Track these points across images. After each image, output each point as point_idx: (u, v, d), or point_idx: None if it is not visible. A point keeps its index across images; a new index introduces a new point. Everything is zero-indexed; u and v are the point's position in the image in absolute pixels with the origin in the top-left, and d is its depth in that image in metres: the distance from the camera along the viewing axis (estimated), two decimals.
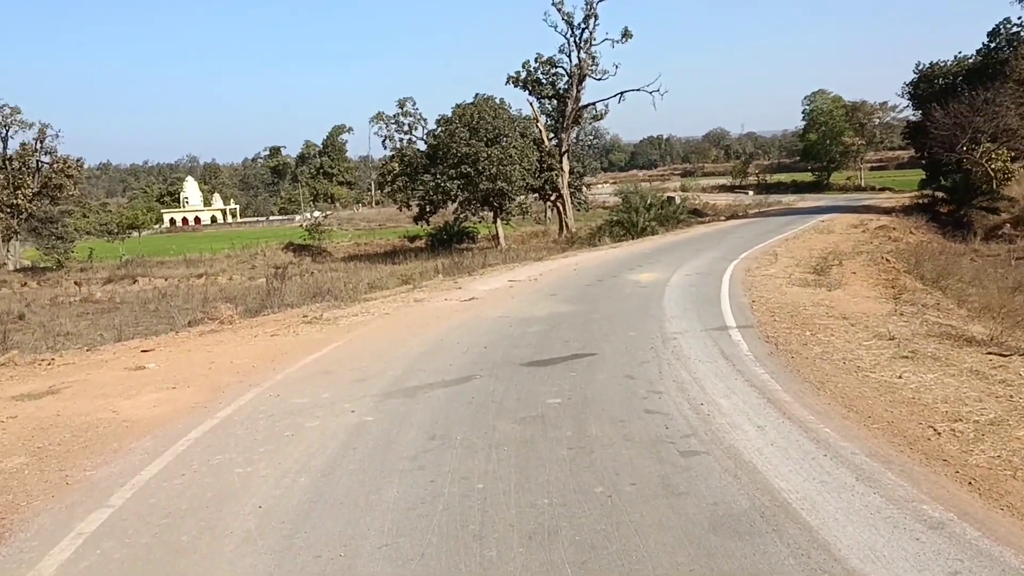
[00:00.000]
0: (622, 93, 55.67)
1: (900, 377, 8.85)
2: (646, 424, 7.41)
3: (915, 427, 7.15)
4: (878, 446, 6.65)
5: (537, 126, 55.96)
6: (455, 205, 52.27)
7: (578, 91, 55.88)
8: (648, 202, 47.17)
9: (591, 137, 79.69)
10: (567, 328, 12.58)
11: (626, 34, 54.66)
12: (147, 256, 63.42)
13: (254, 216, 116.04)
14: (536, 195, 57.21)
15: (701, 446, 6.74)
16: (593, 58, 55.53)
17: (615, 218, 46.60)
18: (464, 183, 49.47)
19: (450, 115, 52.17)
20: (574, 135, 59.37)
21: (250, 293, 31.40)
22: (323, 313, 15.64)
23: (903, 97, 71.34)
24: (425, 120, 54.54)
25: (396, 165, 54.79)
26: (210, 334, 14.17)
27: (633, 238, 41.50)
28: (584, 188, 62.48)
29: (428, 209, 52.83)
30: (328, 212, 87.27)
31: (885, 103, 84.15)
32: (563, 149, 55.84)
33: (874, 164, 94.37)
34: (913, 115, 73.58)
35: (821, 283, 16.72)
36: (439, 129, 52.62)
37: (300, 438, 7.51)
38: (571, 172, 56.71)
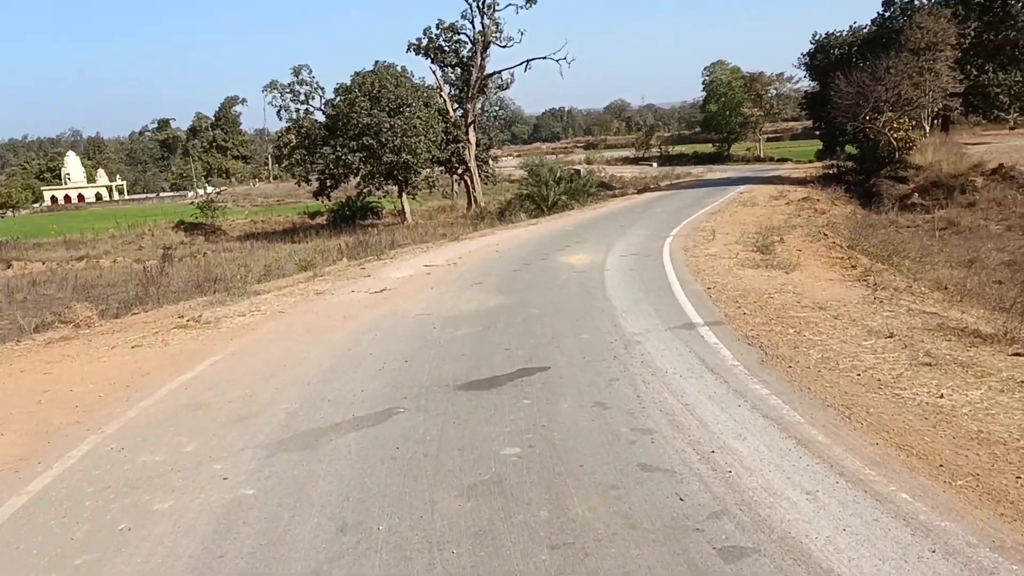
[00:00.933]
0: (528, 61, 53.40)
1: (941, 397, 6.86)
2: (650, 493, 5.14)
3: (1014, 484, 5.12)
4: (990, 525, 4.56)
5: (441, 95, 53.10)
6: (357, 179, 49.08)
7: (483, 59, 53.27)
8: (558, 175, 45.13)
9: (496, 108, 77.12)
10: (505, 329, 10.22)
11: None
12: (24, 238, 57.91)
13: (143, 193, 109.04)
14: (442, 168, 54.41)
15: (743, 536, 4.52)
16: (497, 24, 53.01)
17: (525, 192, 44.40)
18: (366, 156, 46.34)
19: (349, 83, 48.80)
20: (479, 105, 56.77)
21: (132, 279, 27.86)
22: (203, 312, 12.83)
23: (799, 68, 71.54)
24: (323, 89, 50.99)
25: (293, 137, 51.04)
26: (57, 344, 11.24)
27: (545, 213, 39.46)
28: (491, 161, 59.97)
29: (329, 184, 49.46)
30: (222, 188, 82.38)
31: (782, 74, 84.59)
32: (469, 120, 53.22)
33: (770, 135, 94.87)
34: (810, 86, 74.00)
35: (772, 264, 14.86)
36: (338, 98, 49.18)
37: (140, 535, 4.94)
38: (477, 144, 54.19)
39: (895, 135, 46.47)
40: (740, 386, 7.36)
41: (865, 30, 65.17)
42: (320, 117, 50.31)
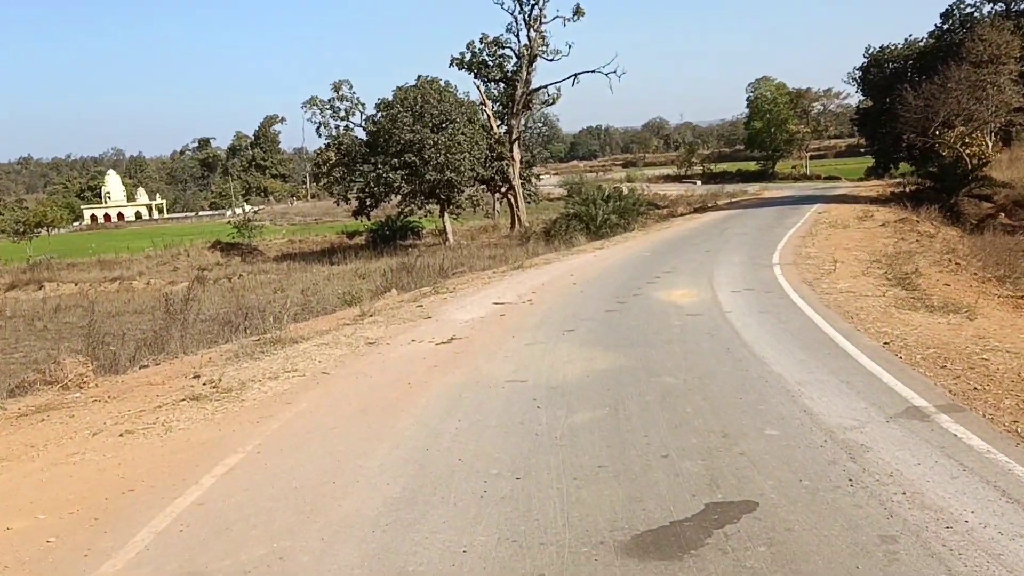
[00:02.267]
0: (576, 75, 50.36)
1: None
2: None
3: None
4: None
5: (485, 111, 50.17)
6: (398, 198, 46.21)
7: (528, 73, 50.29)
8: (606, 193, 41.99)
9: (540, 125, 74.10)
10: (642, 415, 6.98)
11: (578, 11, 49.24)
12: (60, 257, 55.76)
13: (183, 212, 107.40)
14: (484, 187, 51.31)
15: None
16: (543, 37, 50.03)
17: (572, 211, 41.22)
18: (408, 174, 43.44)
19: (391, 99, 46.02)
20: (524, 121, 53.73)
21: (160, 306, 25.01)
22: (225, 369, 9.77)
23: (851, 83, 67.72)
24: (363, 105, 48.24)
25: (332, 154, 48.33)
26: (30, 420, 8.21)
27: (592, 233, 36.41)
28: (534, 179, 56.88)
29: (368, 203, 46.65)
30: (260, 207, 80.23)
31: (829, 90, 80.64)
32: (513, 137, 50.20)
33: (813, 153, 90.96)
34: (860, 101, 70.15)
35: (933, 304, 11.51)
36: (379, 115, 46.42)
37: None
38: (521, 162, 51.15)
39: (968, 150, 42.87)
40: None
41: (922, 43, 61.55)
42: (360, 134, 47.63)
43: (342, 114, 47.99)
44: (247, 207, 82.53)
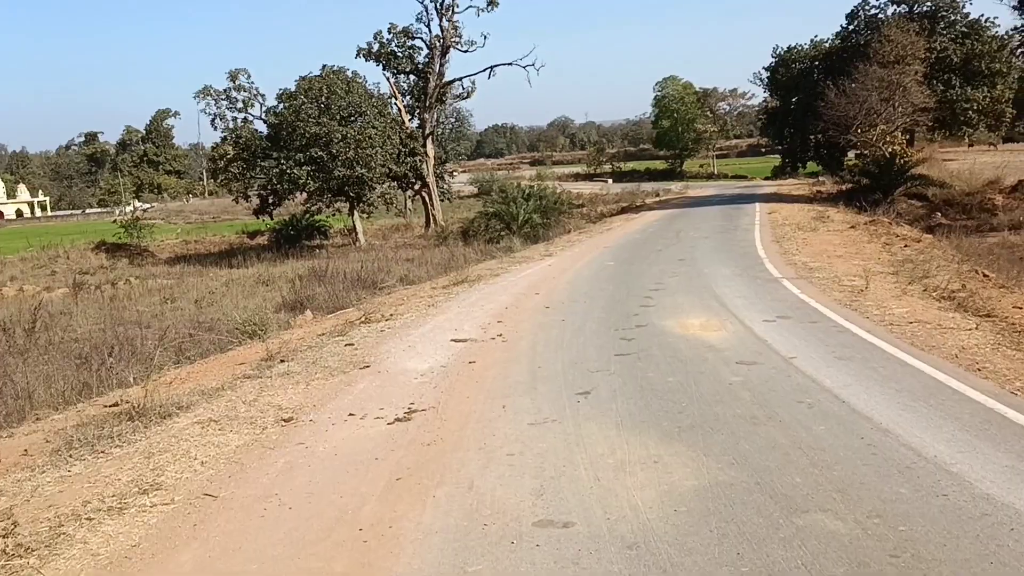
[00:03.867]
0: (493, 67, 46.54)
1: None
2: None
3: None
4: None
5: (396, 105, 45.85)
6: (304, 195, 41.39)
7: (441, 65, 46.23)
8: (527, 192, 38.63)
9: (453, 120, 69.92)
10: None
11: (492, 1, 45.50)
12: None
13: (69, 209, 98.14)
14: (395, 184, 46.91)
15: None
16: (456, 27, 46.05)
17: (491, 210, 37.62)
18: (315, 169, 38.72)
19: (294, 89, 41.16)
20: (437, 116, 49.59)
21: (22, 321, 19.88)
22: (38, 484, 5.63)
23: (757, 83, 66.60)
24: (263, 96, 43.05)
25: (229, 148, 43.01)
26: None
27: (512, 233, 32.97)
28: (447, 176, 52.88)
29: (271, 200, 41.61)
30: (152, 204, 73.26)
31: (735, 90, 79.61)
32: (427, 131, 46.07)
33: (717, 152, 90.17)
34: (767, 101, 68.93)
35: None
36: (281, 106, 41.44)
37: None
38: (434, 158, 47.08)
39: (889, 149, 41.46)
40: None
41: (827, 44, 60.79)
42: (261, 127, 42.51)
43: (240, 105, 42.74)
44: (139, 204, 75.31)
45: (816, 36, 64.51)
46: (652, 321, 10.26)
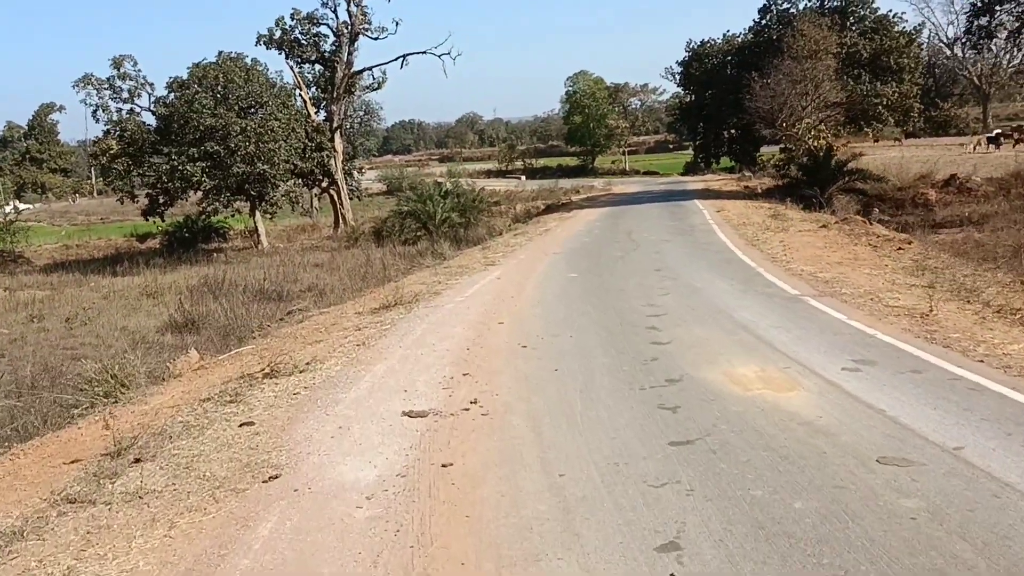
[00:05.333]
0: (405, 56, 42.99)
1: None
2: None
3: None
4: None
5: (301, 96, 41.62)
6: (199, 194, 36.74)
7: (350, 53, 42.35)
8: (444, 189, 35.40)
9: (362, 113, 65.54)
10: None
11: None
12: None
13: None
14: (301, 181, 42.62)
15: None
16: (365, 13, 42.16)
17: (406, 208, 34.17)
18: (211, 166, 34.24)
19: (186, 78, 36.48)
20: (345, 109, 45.48)
21: None
22: None
23: (669, 78, 65.18)
24: (152, 85, 38.23)
25: (113, 143, 37.89)
26: None
27: (431, 233, 29.77)
28: (357, 173, 48.83)
29: (162, 200, 36.86)
30: (31, 205, 66.07)
31: (646, 85, 77.93)
32: (335, 125, 42.06)
33: (627, 149, 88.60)
34: (680, 96, 67.44)
35: None
36: (172, 96, 36.73)
37: None
38: (343, 153, 43.09)
39: (815, 143, 39.99)
40: None
41: (740, 38, 59.70)
42: (150, 119, 37.61)
43: (125, 95, 37.80)
44: (19, 204, 67.77)
45: (728, 31, 63.51)
46: (684, 371, 7.11)
